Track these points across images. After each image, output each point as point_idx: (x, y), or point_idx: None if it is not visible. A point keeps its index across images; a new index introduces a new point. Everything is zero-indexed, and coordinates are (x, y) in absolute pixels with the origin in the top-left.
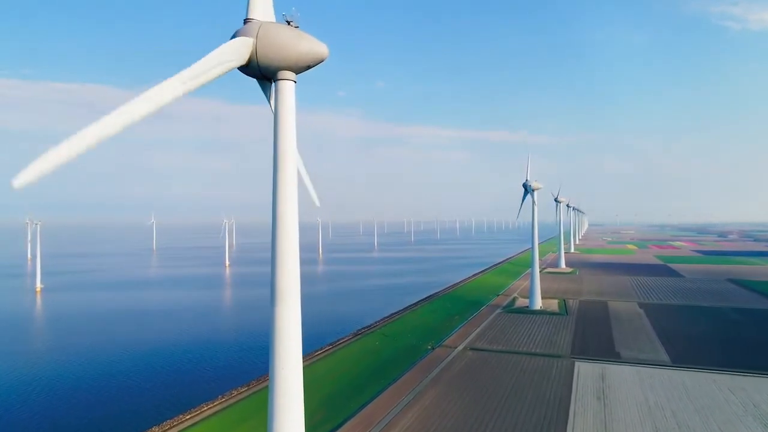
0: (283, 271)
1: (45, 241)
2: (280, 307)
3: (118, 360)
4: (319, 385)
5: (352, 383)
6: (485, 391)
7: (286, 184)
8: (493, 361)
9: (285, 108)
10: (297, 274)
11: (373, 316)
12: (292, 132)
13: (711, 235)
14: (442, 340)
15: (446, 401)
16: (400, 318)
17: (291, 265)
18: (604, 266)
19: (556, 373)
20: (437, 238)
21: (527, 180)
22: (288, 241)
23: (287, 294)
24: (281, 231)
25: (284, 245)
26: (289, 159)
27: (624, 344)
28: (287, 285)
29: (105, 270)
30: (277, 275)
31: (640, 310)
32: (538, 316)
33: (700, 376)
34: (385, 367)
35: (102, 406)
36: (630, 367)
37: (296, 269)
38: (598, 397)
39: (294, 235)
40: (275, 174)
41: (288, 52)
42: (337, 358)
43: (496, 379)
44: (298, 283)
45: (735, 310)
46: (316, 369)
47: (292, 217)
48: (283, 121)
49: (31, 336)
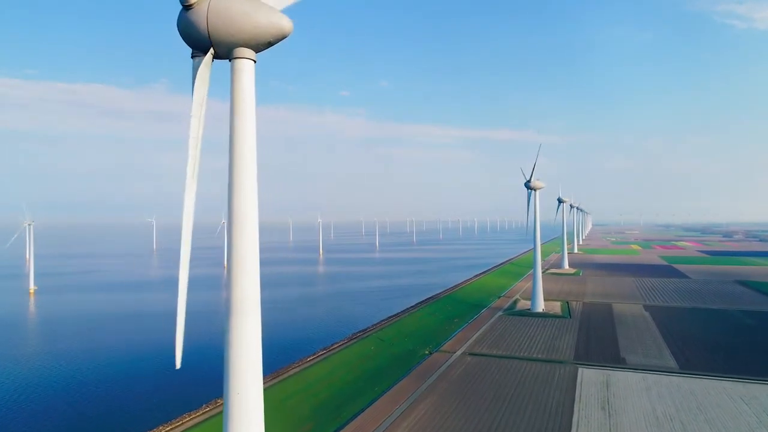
0: (241, 279)
1: (45, 241)
2: (237, 320)
3: (106, 365)
4: (310, 392)
5: (344, 391)
6: (483, 400)
7: (244, 181)
8: (492, 367)
9: (242, 91)
10: (257, 282)
11: (370, 319)
12: (251, 120)
13: (716, 235)
14: (441, 345)
15: (442, 411)
16: (397, 321)
17: (250, 272)
18: (608, 267)
19: (559, 380)
20: (440, 238)
21: (529, 179)
22: (246, 244)
23: (245, 305)
24: (238, 234)
25: (242, 249)
26: (247, 151)
27: (629, 349)
28: (245, 294)
29: (103, 271)
30: (234, 283)
31: (646, 312)
32: (540, 319)
33: (709, 384)
34: (379, 373)
35: (91, 410)
36: (636, 374)
37: (256, 276)
38: (603, 407)
39: (253, 238)
40: (231, 168)
41: (243, 25)
42: (331, 363)
43: (495, 386)
44: (257, 292)
45: (745, 313)
46: (308, 375)
47: (251, 218)
48: (239, 106)
49: (20, 339)
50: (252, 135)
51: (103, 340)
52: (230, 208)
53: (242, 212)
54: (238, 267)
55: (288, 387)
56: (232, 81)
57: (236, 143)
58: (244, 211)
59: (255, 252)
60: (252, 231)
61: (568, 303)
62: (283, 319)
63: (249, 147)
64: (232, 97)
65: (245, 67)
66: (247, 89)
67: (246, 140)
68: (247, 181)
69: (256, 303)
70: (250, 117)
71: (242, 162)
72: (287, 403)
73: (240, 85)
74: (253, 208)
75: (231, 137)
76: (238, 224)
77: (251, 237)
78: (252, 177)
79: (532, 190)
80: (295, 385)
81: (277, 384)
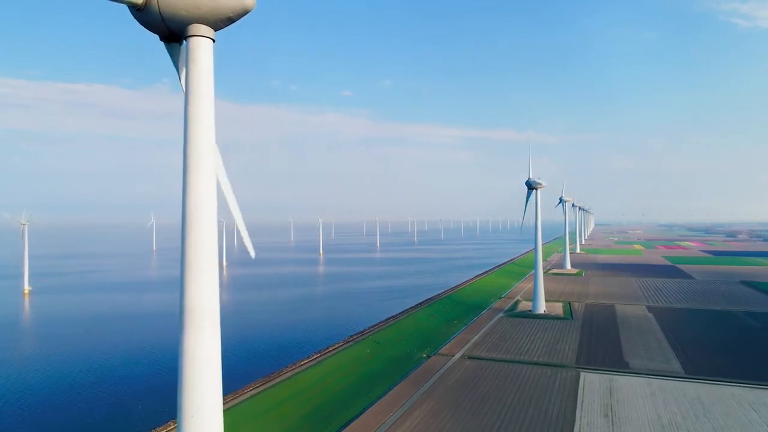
0: (196, 287)
1: (44, 241)
2: (192, 335)
3: (99, 367)
4: (303, 398)
5: (338, 396)
6: (482, 407)
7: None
8: (491, 372)
9: (198, 74)
10: (215, 290)
11: (367, 320)
12: (209, 108)
13: (719, 234)
14: (439, 348)
15: (438, 418)
16: (395, 323)
17: (206, 280)
18: (611, 267)
19: (560, 386)
20: (441, 238)
21: (530, 178)
22: (203, 249)
23: (201, 317)
24: (193, 236)
25: (197, 254)
26: (203, 143)
27: (633, 352)
28: (201, 305)
29: (100, 271)
30: (187, 293)
31: (650, 314)
32: (542, 320)
33: (717, 390)
34: (375, 378)
35: (81, 414)
36: (640, 379)
37: (214, 284)
38: (606, 414)
39: (210, 242)
40: (186, 163)
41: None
42: (324, 368)
43: (494, 392)
44: (216, 302)
45: (751, 314)
46: (301, 380)
47: (208, 219)
48: (195, 92)
49: (8, 341)
50: (209, 125)
51: (94, 342)
52: (185, 208)
53: (198, 212)
54: (192, 274)
55: (280, 392)
56: (187, 62)
57: (191, 134)
58: (201, 210)
59: (212, 257)
60: (209, 234)
61: (570, 304)
62: (277, 320)
63: (206, 138)
64: (186, 81)
65: (202, 47)
66: (204, 72)
67: (202, 131)
68: (203, 178)
69: (213, 315)
70: (208, 105)
71: (198, 155)
72: (278, 410)
73: (196, 66)
74: (210, 208)
75: (186, 128)
76: (193, 226)
77: (208, 240)
78: (209, 172)
79: (533, 189)
80: (288, 390)
81: (269, 389)
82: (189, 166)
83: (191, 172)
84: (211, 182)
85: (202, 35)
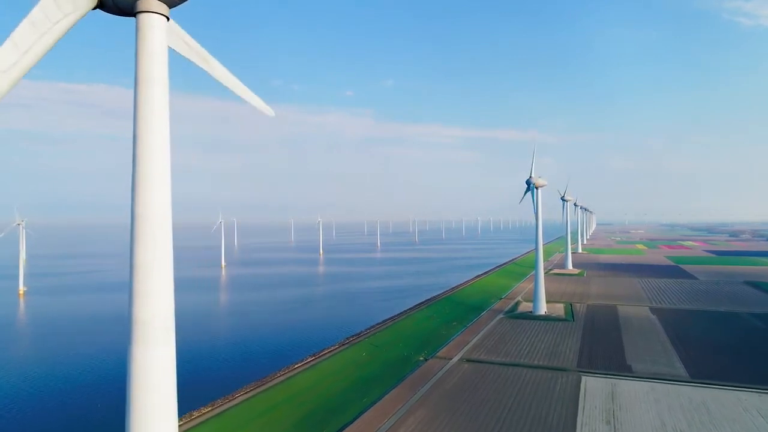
0: (147, 298)
1: (43, 241)
2: (141, 352)
3: (88, 369)
4: (296, 402)
5: (331, 401)
6: (479, 413)
7: (152, 173)
8: (490, 375)
9: (149, 55)
10: (169, 301)
11: (365, 322)
12: (162, 93)
13: (722, 234)
14: (437, 350)
15: (434, 425)
16: (393, 324)
17: (160, 289)
18: (613, 267)
19: (561, 391)
20: (442, 238)
21: (531, 176)
22: (154, 250)
23: (152, 331)
24: (144, 237)
25: (149, 261)
26: (156, 133)
27: (636, 356)
28: (153, 315)
29: (98, 271)
30: (136, 304)
31: (653, 315)
32: (542, 322)
33: (723, 395)
34: (370, 382)
35: (77, 416)
36: (643, 383)
37: (168, 294)
38: (608, 421)
39: (164, 246)
40: (135, 153)
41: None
42: (318, 371)
43: (492, 396)
44: (171, 315)
45: (756, 316)
46: (294, 384)
47: (161, 220)
48: (146, 75)
49: (3, 343)
50: (163, 113)
51: (85, 343)
52: (134, 208)
53: (150, 212)
54: (143, 283)
55: (272, 396)
56: (137, 41)
57: (142, 123)
58: (153, 211)
59: (167, 263)
60: (162, 234)
61: (572, 305)
62: (274, 322)
63: (158, 129)
64: (136, 63)
65: (154, 24)
66: (156, 53)
67: (155, 120)
68: (156, 174)
69: (167, 329)
70: (160, 90)
71: (149, 149)
72: (269, 414)
73: (146, 46)
74: (164, 207)
75: (135, 116)
76: (143, 226)
77: (161, 240)
78: (164, 168)
79: (534, 188)
80: (280, 394)
81: (261, 393)
82: (139, 160)
83: (141, 165)
84: (164, 177)
85: (153, 11)
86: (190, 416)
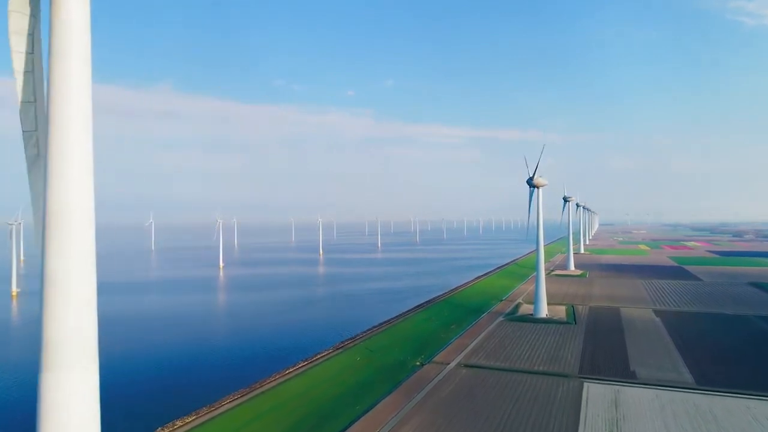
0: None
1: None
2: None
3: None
4: (285, 410)
5: (322, 409)
6: (476, 422)
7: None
8: (488, 382)
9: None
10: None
11: (361, 324)
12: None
13: (725, 234)
14: (434, 355)
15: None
16: (390, 327)
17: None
18: (616, 268)
19: (562, 398)
20: (443, 238)
21: (532, 176)
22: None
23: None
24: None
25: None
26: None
27: (640, 361)
28: (70, 335)
29: (98, 271)
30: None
31: (657, 318)
32: (543, 325)
33: (731, 403)
34: (364, 388)
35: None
36: (647, 390)
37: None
38: (611, 430)
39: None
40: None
41: None
42: (311, 377)
43: (490, 404)
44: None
45: (763, 318)
46: (284, 391)
47: (80, 215)
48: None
49: None
50: (84, 98)
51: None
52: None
53: (65, 212)
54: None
55: (260, 404)
56: (51, 17)
57: (55, 108)
58: (69, 210)
59: (87, 271)
60: (83, 240)
61: (574, 307)
62: (267, 324)
63: (77, 115)
64: (50, 42)
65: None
66: (75, 28)
67: (71, 104)
68: (74, 166)
69: (87, 351)
70: (79, 69)
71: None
72: (256, 424)
73: (61, 21)
74: (84, 203)
75: (48, 101)
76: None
77: (81, 248)
78: (85, 159)
79: (535, 188)
80: (269, 401)
81: (248, 401)
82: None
83: (56, 156)
84: (85, 174)
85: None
86: (173, 426)
